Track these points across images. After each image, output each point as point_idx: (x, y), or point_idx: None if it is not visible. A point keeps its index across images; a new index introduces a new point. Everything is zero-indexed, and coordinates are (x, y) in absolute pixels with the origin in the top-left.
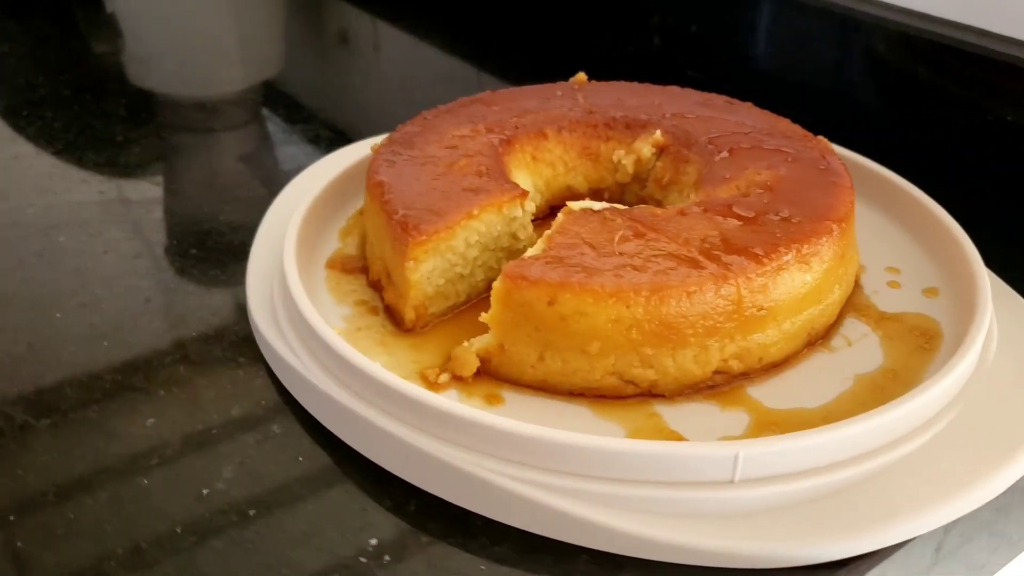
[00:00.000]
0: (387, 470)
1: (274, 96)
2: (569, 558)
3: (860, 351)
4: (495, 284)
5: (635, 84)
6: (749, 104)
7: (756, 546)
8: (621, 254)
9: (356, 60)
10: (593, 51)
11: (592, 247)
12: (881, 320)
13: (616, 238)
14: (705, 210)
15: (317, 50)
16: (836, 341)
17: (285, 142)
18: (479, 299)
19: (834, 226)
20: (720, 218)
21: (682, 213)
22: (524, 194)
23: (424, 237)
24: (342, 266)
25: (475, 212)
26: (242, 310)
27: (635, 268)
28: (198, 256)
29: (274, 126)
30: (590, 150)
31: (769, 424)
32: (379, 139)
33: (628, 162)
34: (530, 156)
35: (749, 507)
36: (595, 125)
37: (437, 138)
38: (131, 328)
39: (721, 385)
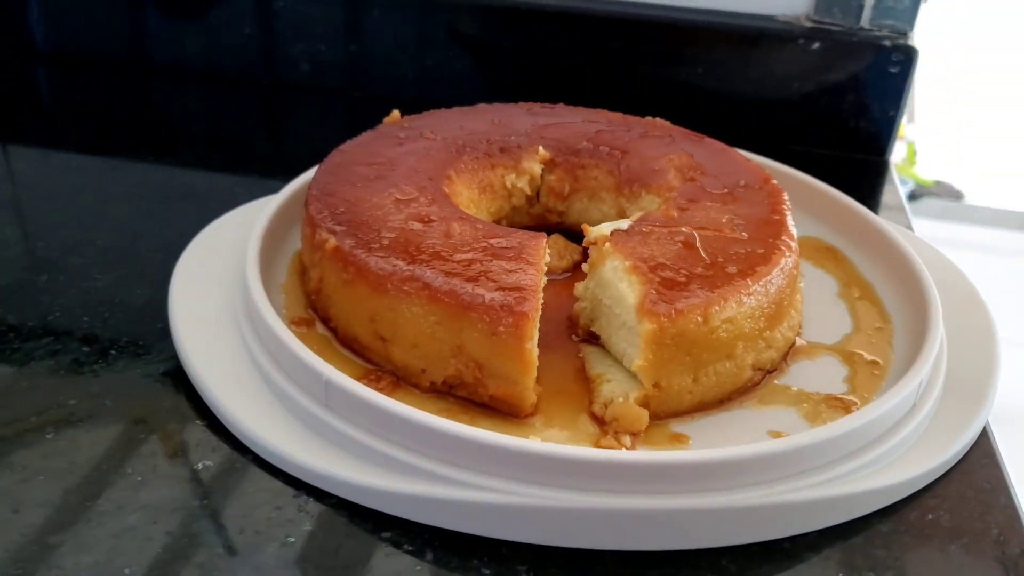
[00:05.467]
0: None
1: None
2: None
3: (813, 276)
4: (644, 330)
5: (449, 110)
6: (560, 104)
7: None
8: (709, 254)
9: None
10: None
11: (677, 260)
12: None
13: (696, 243)
14: (692, 200)
15: None
16: None
17: None
18: None
19: (774, 181)
20: (714, 203)
21: (681, 209)
22: (545, 236)
23: (533, 312)
24: (393, 386)
25: (545, 266)
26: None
27: (735, 262)
28: None
29: None
30: (485, 182)
31: (852, 355)
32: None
33: (522, 184)
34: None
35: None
36: (478, 157)
37: (382, 213)
38: None
39: (794, 344)
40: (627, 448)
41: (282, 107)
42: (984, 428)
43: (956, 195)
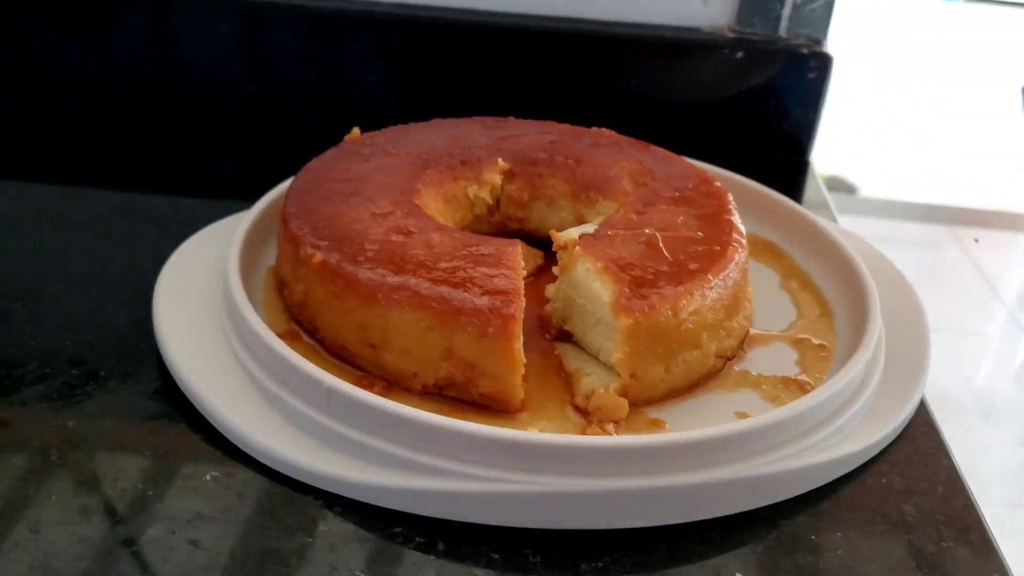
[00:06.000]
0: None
1: None
2: None
3: (755, 269)
4: (621, 325)
5: (406, 126)
6: (511, 118)
7: None
8: (670, 255)
9: None
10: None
11: (643, 259)
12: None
13: (659, 243)
14: (647, 204)
15: None
16: None
17: None
18: None
19: (718, 183)
20: (668, 206)
21: (639, 212)
22: (519, 242)
23: (519, 313)
24: (386, 390)
25: (523, 270)
26: None
27: (695, 259)
28: None
29: None
30: (449, 194)
31: (800, 341)
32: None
33: (484, 194)
34: None
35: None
36: (441, 170)
37: (362, 227)
38: None
39: (748, 332)
40: (612, 435)
41: (220, 129)
42: (922, 399)
43: (850, 189)
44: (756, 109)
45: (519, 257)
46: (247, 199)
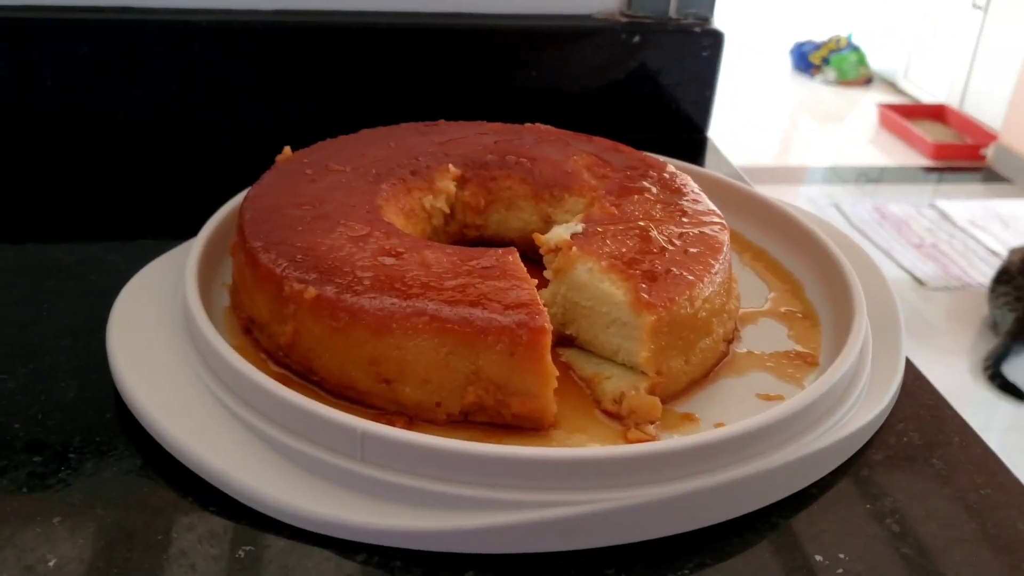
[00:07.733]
0: None
1: None
2: None
3: None
4: (645, 323)
5: (335, 140)
6: (441, 121)
7: None
8: (668, 245)
9: None
10: None
11: (643, 252)
12: None
13: (652, 233)
14: (619, 196)
15: None
16: None
17: None
18: None
19: (671, 167)
20: (640, 196)
21: (615, 205)
22: (515, 250)
23: (548, 324)
24: (408, 425)
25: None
26: None
27: (692, 246)
28: None
29: None
30: (407, 208)
31: (786, 315)
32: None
33: (440, 203)
34: None
35: None
36: (395, 183)
37: (345, 254)
38: None
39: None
40: (655, 436)
41: (89, 163)
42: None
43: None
44: (655, 90)
45: (522, 265)
46: (155, 238)
